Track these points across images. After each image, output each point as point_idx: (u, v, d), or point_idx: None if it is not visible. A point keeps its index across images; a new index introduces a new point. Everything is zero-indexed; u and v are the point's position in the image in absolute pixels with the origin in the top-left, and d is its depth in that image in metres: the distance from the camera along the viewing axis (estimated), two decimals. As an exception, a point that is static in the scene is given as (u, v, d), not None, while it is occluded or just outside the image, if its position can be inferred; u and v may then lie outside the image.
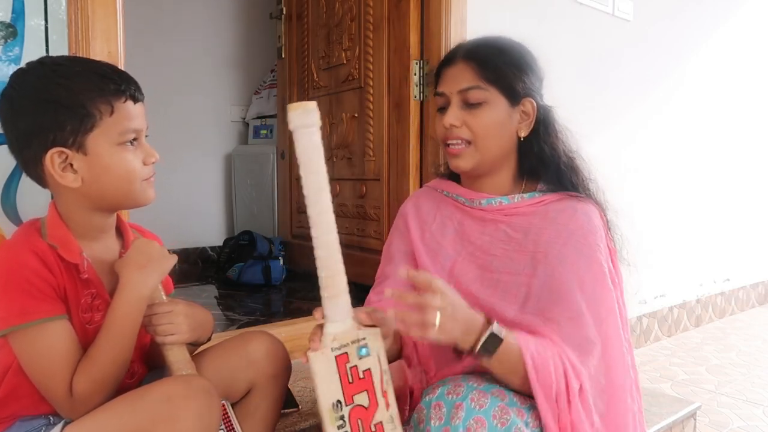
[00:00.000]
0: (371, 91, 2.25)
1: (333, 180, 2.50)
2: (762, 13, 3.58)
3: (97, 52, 1.21)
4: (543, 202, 1.09)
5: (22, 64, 1.14)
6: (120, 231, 1.01)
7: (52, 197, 0.94)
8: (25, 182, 1.16)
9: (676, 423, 1.68)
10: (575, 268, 1.01)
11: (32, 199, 1.17)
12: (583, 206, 1.07)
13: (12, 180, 1.16)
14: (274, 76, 3.17)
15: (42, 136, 0.84)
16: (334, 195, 2.58)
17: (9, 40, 1.14)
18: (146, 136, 0.93)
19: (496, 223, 1.09)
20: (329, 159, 2.55)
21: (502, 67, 1.04)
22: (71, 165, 0.86)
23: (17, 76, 0.88)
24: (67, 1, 1.19)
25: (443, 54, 1.87)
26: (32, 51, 1.17)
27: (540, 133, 1.08)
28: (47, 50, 1.18)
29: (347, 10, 2.37)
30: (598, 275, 1.02)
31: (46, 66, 0.88)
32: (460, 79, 1.05)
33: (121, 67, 1.24)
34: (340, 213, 2.50)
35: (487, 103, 1.03)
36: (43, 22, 1.18)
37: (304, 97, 2.72)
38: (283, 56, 2.85)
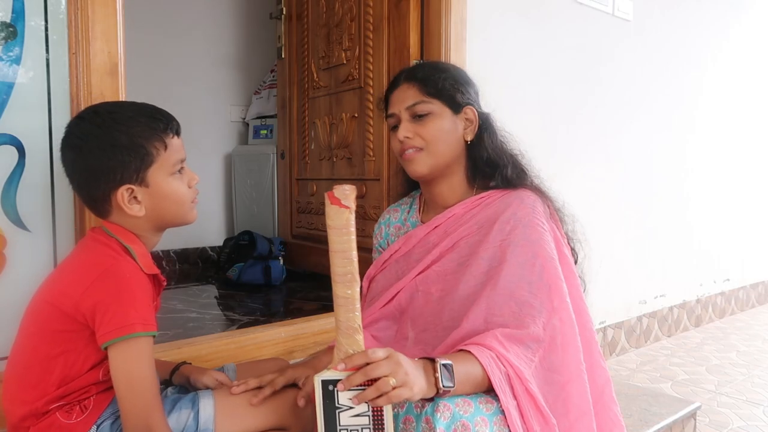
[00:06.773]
0: (371, 91, 2.25)
1: (333, 180, 2.52)
2: (765, 12, 3.58)
3: (97, 52, 1.21)
4: (483, 197, 1.16)
5: (23, 64, 1.15)
6: None
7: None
8: (25, 182, 1.16)
9: (676, 423, 1.68)
10: (520, 262, 1.06)
11: (32, 199, 1.17)
12: (526, 196, 1.13)
13: (12, 180, 1.15)
14: (274, 76, 3.17)
15: (110, 175, 0.94)
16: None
17: (9, 40, 1.14)
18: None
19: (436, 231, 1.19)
20: (329, 159, 2.55)
21: (441, 82, 1.16)
22: (135, 198, 0.97)
23: (76, 125, 0.98)
24: (67, 1, 1.19)
25: (443, 54, 1.89)
26: (32, 51, 1.17)
27: (484, 137, 1.18)
28: (47, 50, 1.18)
29: (347, 10, 2.37)
30: (546, 265, 1.05)
31: (102, 114, 0.98)
32: (405, 97, 1.17)
33: (121, 67, 1.25)
34: (340, 213, 2.49)
35: (433, 113, 1.15)
36: (43, 22, 1.18)
37: (304, 97, 2.72)
38: (283, 56, 2.85)
